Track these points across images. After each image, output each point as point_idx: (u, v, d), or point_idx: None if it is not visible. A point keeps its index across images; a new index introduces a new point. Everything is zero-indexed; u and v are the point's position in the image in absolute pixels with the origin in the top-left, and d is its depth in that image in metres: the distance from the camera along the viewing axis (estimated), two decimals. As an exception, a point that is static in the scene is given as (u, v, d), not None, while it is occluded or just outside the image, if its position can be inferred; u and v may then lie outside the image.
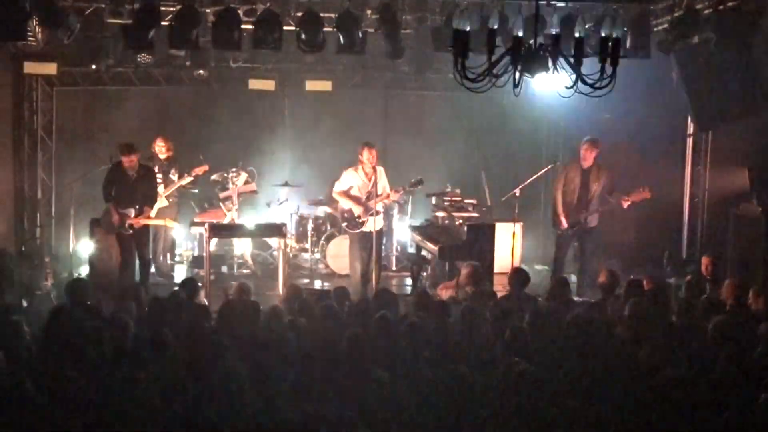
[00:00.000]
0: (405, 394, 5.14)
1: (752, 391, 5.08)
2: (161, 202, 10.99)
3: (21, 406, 4.78)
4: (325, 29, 9.74)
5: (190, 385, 5.24)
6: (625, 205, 9.97)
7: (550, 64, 5.23)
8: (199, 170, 11.29)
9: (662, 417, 4.94)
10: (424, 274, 10.88)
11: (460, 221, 9.93)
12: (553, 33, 5.36)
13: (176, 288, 8.12)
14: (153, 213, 10.38)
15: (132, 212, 9.76)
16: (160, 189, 10.84)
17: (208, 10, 9.67)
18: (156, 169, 10.72)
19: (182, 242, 12.16)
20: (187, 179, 11.17)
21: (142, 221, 9.86)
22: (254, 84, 12.37)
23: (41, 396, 4.88)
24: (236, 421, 4.80)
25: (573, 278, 10.75)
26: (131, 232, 9.82)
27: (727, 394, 5.17)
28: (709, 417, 4.93)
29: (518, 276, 8.06)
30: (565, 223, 10.09)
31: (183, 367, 5.57)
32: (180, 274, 11.38)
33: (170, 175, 11.17)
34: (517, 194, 10.16)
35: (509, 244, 10.11)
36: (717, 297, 7.36)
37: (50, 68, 11.34)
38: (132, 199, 9.82)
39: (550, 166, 10.77)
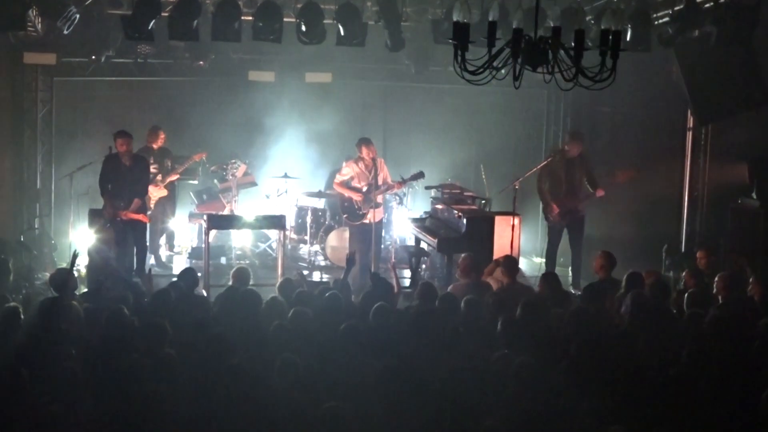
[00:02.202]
0: (402, 386, 5.14)
1: (752, 385, 5.08)
2: (160, 192, 11.02)
3: (16, 393, 4.79)
4: (326, 21, 9.73)
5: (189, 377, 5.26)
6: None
7: (550, 56, 5.22)
8: (196, 156, 11.31)
9: (662, 410, 4.95)
10: (423, 266, 10.88)
11: (459, 214, 9.89)
12: (554, 26, 5.36)
13: (175, 279, 8.12)
14: (152, 203, 10.39)
15: (122, 203, 9.66)
16: (158, 178, 10.88)
17: (208, 1, 9.67)
18: (151, 159, 10.71)
19: (181, 233, 12.16)
20: (184, 166, 11.18)
21: (131, 215, 9.69)
22: (254, 75, 12.36)
23: (36, 383, 4.89)
24: (234, 413, 4.82)
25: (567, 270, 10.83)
26: (123, 221, 9.70)
27: (726, 388, 5.17)
28: (710, 411, 4.94)
29: (510, 264, 8.12)
30: (556, 209, 10.39)
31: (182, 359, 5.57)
32: (178, 265, 11.38)
33: (165, 165, 11.18)
34: (517, 187, 10.17)
35: (508, 237, 10.10)
36: (711, 290, 7.36)
37: (50, 59, 11.35)
38: (124, 189, 9.66)
39: (549, 159, 10.76)
